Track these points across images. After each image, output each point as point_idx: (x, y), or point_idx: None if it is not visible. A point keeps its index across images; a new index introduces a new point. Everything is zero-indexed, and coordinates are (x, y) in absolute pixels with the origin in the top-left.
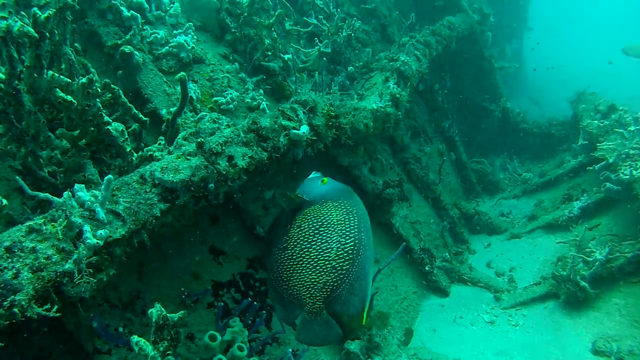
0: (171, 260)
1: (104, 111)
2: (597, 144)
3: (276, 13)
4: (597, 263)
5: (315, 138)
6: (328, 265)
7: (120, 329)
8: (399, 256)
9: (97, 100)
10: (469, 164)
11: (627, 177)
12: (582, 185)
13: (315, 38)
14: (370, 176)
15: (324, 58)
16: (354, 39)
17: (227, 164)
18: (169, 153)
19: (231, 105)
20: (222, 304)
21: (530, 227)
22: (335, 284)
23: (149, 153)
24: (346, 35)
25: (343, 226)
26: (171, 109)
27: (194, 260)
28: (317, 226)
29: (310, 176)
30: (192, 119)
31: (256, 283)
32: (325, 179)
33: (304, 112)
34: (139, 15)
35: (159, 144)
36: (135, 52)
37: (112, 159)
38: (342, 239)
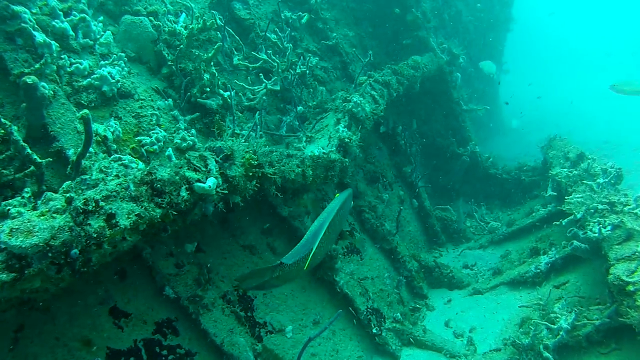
0: (60, 323)
1: None
2: (566, 197)
3: (215, 46)
4: (562, 331)
5: (227, 192)
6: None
7: None
8: (338, 320)
9: None
10: (433, 211)
11: (596, 234)
12: (550, 237)
13: (270, 74)
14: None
15: (264, 97)
16: (310, 77)
17: (104, 224)
18: (34, 208)
19: (156, 147)
20: None
21: (494, 282)
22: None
23: (7, 208)
24: (300, 72)
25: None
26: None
27: (88, 323)
28: None
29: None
30: (104, 162)
31: (163, 351)
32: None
33: (217, 160)
34: (53, 42)
35: (23, 197)
36: (43, 83)
37: None
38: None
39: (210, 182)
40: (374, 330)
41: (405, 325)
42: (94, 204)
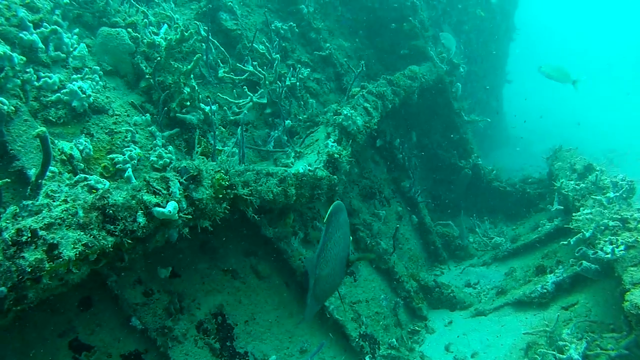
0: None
1: None
2: (573, 213)
3: (195, 58)
4: None
5: (193, 215)
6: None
7: None
8: (328, 347)
9: None
10: (434, 227)
11: (608, 255)
12: (557, 253)
13: (258, 87)
14: (301, 249)
15: (245, 112)
16: (301, 89)
17: (43, 256)
18: None
19: (129, 165)
20: None
21: (498, 302)
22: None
23: None
24: (290, 84)
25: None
26: None
27: (44, 359)
28: None
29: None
30: (67, 182)
31: None
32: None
33: (181, 182)
34: (15, 55)
35: None
36: (2, 98)
37: None
38: None
39: (171, 207)
40: (367, 358)
41: (402, 351)
42: (29, 234)
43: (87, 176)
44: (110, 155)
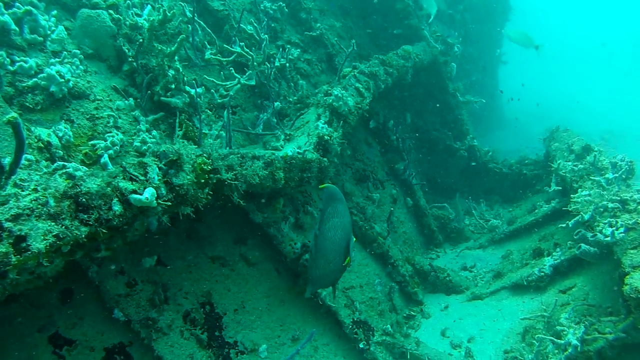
0: None
1: None
2: (571, 195)
3: (178, 39)
4: (570, 348)
5: (174, 202)
6: None
7: None
8: (321, 335)
9: None
10: (429, 210)
11: (608, 238)
12: (555, 235)
13: (246, 69)
14: (291, 234)
15: (231, 94)
16: (291, 70)
17: (9, 249)
18: None
19: (112, 151)
20: None
21: (494, 286)
22: None
23: None
24: (280, 65)
25: None
26: None
27: (21, 356)
28: None
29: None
30: (45, 170)
31: None
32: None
33: (160, 167)
34: None
35: None
36: None
37: None
38: None
39: (148, 193)
40: (361, 345)
41: (397, 337)
42: None
43: (66, 164)
44: (92, 142)
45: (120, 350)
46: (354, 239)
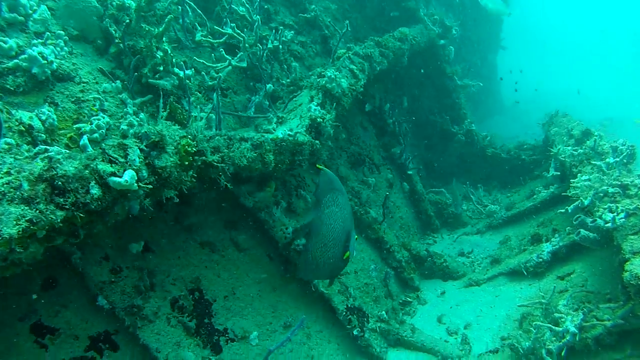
0: None
1: None
2: (571, 180)
3: (166, 19)
4: (568, 335)
5: (156, 185)
6: None
7: None
8: (314, 322)
9: None
10: (426, 194)
11: (609, 224)
12: (553, 221)
13: (238, 50)
14: (283, 219)
15: (221, 75)
16: (285, 52)
17: None
18: None
19: (97, 135)
20: None
21: (492, 272)
22: None
23: None
24: (272, 47)
25: None
26: None
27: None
28: None
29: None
30: (26, 154)
31: None
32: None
33: (141, 149)
34: None
35: None
36: None
37: None
38: None
39: (128, 176)
40: (355, 332)
41: (392, 324)
42: None
43: (48, 147)
44: (77, 125)
45: (105, 339)
46: (356, 237)
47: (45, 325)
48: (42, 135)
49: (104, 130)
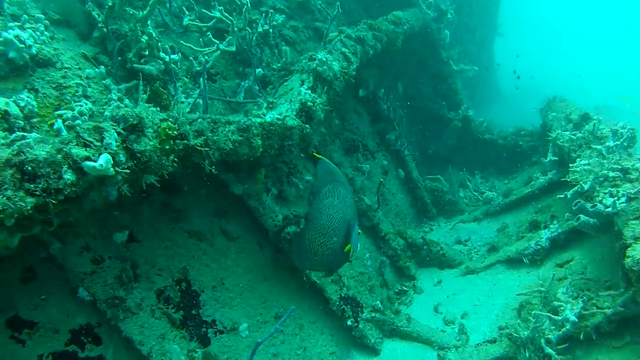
0: None
1: None
2: (570, 164)
3: (150, 2)
4: (567, 324)
5: (135, 170)
6: None
7: None
8: (306, 312)
9: None
10: (422, 181)
11: (609, 209)
12: (551, 207)
13: (226, 35)
14: (274, 207)
15: (208, 59)
16: (276, 37)
17: None
18: None
19: (79, 121)
20: None
21: (489, 260)
22: None
23: None
24: (262, 31)
25: None
26: None
27: None
28: None
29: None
30: (3, 141)
31: None
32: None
33: (119, 132)
34: None
35: None
36: None
37: None
38: None
39: (103, 160)
40: (349, 323)
41: (387, 314)
42: None
43: (26, 134)
44: (58, 112)
45: (87, 332)
46: (359, 232)
47: (22, 319)
48: (20, 121)
49: (87, 117)
